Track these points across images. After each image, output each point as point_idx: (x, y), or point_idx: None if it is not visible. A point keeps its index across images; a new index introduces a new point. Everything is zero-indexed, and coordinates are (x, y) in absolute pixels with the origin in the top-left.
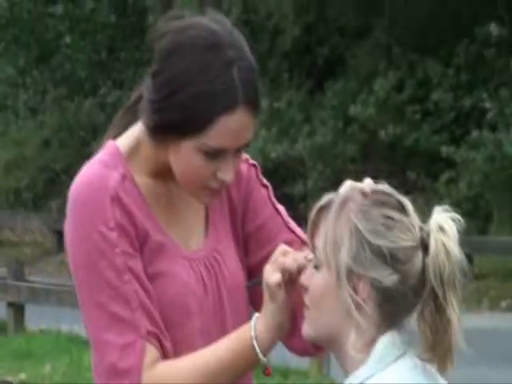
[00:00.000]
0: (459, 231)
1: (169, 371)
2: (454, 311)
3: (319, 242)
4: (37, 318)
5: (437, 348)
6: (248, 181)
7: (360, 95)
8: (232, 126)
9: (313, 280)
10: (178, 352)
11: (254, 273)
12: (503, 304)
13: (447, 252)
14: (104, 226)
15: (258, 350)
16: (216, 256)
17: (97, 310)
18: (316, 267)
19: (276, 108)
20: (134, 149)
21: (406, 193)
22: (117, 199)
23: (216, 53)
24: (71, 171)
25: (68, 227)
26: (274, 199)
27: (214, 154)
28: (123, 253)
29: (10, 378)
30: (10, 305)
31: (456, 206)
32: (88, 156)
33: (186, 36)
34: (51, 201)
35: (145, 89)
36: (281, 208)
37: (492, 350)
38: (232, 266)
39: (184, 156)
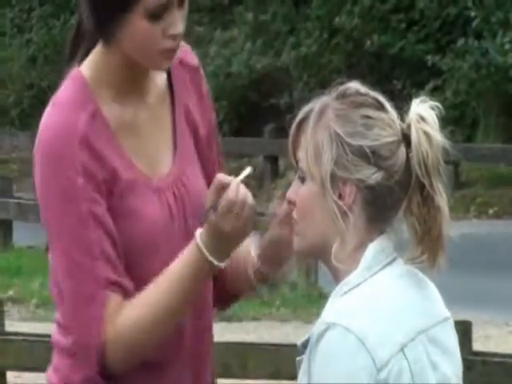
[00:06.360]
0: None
1: (129, 318)
2: (442, 197)
3: (301, 153)
4: (25, 235)
5: (426, 238)
6: (208, 104)
7: (345, 6)
8: None
9: (299, 193)
10: (145, 287)
11: None
12: (490, 211)
13: (429, 139)
14: (71, 172)
15: (215, 263)
16: (183, 180)
17: (60, 256)
18: (302, 180)
19: (261, 20)
20: (97, 70)
21: (392, 102)
22: (85, 143)
23: None
24: (58, 88)
25: (36, 172)
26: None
27: (159, 14)
28: (89, 199)
29: None
30: None
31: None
32: None
33: None
34: (38, 118)
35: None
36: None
37: (480, 258)
38: (198, 188)
39: (133, 32)
